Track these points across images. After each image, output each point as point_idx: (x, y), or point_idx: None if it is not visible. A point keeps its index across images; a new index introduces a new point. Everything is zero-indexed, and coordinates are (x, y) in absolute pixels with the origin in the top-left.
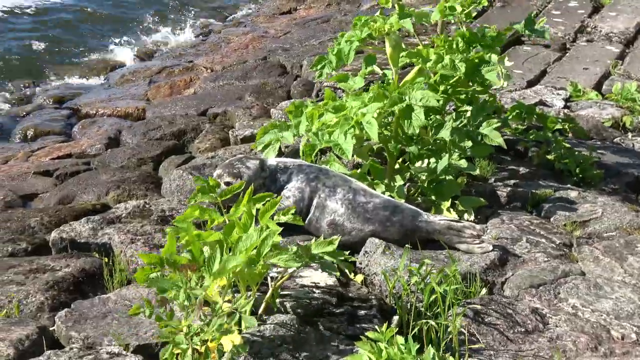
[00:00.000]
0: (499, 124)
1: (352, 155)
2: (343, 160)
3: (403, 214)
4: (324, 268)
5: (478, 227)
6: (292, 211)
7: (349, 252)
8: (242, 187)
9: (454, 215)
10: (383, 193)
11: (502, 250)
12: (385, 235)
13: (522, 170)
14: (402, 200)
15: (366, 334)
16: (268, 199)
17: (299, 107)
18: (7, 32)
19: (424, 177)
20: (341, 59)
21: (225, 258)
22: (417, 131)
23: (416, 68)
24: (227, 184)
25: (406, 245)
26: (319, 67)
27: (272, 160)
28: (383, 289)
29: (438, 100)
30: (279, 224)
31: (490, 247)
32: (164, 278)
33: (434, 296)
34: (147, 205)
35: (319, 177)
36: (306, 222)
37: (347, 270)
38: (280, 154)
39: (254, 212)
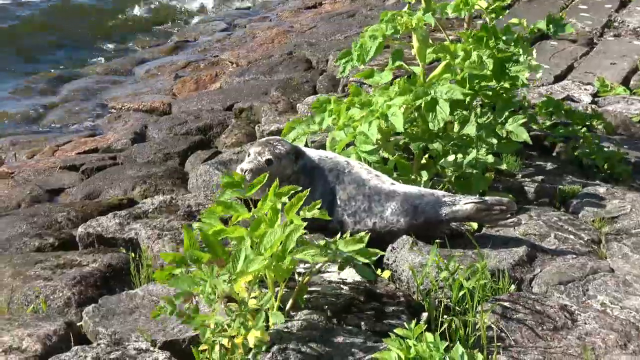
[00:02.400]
0: (524, 120)
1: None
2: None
3: (425, 214)
4: (359, 274)
5: (506, 200)
6: (318, 206)
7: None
8: (265, 180)
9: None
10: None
11: (531, 247)
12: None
13: (550, 166)
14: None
15: (395, 330)
16: (293, 192)
17: (323, 103)
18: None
19: (450, 172)
20: (364, 54)
21: (249, 258)
22: (442, 125)
23: (443, 63)
24: (268, 161)
25: (435, 242)
26: (343, 61)
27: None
28: (411, 285)
29: (464, 95)
30: (305, 219)
31: (523, 221)
32: (188, 276)
33: (462, 292)
34: (173, 201)
35: (334, 189)
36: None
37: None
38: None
39: (279, 206)
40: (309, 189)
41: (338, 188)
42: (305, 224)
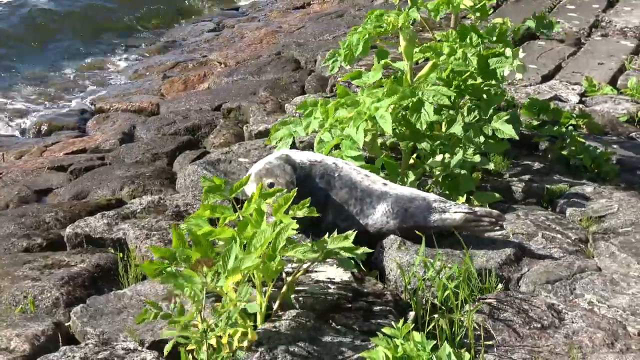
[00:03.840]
0: (508, 117)
1: (364, 149)
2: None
3: (414, 218)
4: (341, 265)
5: (495, 213)
6: (307, 204)
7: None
8: (248, 182)
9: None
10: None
11: (518, 246)
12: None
13: (537, 165)
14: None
15: (382, 330)
16: (279, 194)
17: (310, 106)
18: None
19: (438, 172)
20: (351, 53)
21: (240, 257)
22: (425, 127)
23: (430, 63)
24: (271, 185)
25: (423, 241)
26: (330, 61)
27: (294, 155)
28: (398, 285)
29: (450, 97)
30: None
31: (511, 236)
32: (179, 273)
33: (447, 291)
34: (161, 201)
35: (326, 197)
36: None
37: (360, 265)
38: (293, 148)
39: (264, 208)
40: (296, 188)
41: (330, 194)
42: (295, 223)
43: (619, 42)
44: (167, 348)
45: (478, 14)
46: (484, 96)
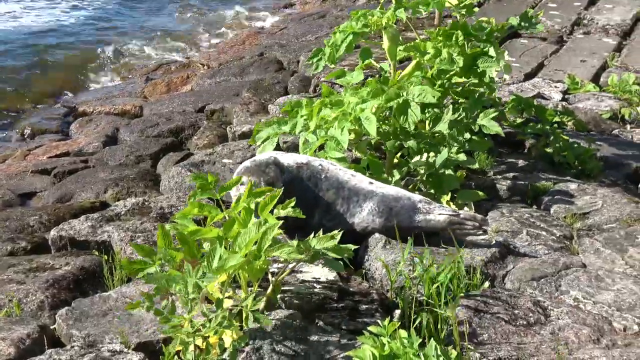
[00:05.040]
0: (495, 114)
1: (349, 149)
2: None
3: (399, 217)
4: (328, 266)
5: (479, 217)
6: (292, 204)
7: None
8: (239, 183)
9: (453, 206)
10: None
11: (503, 244)
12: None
13: (521, 163)
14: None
15: (368, 328)
16: (267, 193)
17: (295, 107)
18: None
19: (422, 171)
20: (335, 52)
21: (225, 256)
22: (413, 127)
23: (414, 62)
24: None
25: (408, 239)
26: (314, 59)
27: (281, 157)
28: (384, 284)
29: (435, 97)
30: (279, 219)
31: (494, 241)
32: (164, 273)
33: (434, 286)
34: (146, 203)
35: (315, 198)
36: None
37: (347, 262)
38: (277, 149)
39: (252, 207)
40: (282, 188)
41: (318, 196)
42: (280, 222)
43: (601, 39)
44: (172, 349)
45: (463, 12)
46: (470, 94)
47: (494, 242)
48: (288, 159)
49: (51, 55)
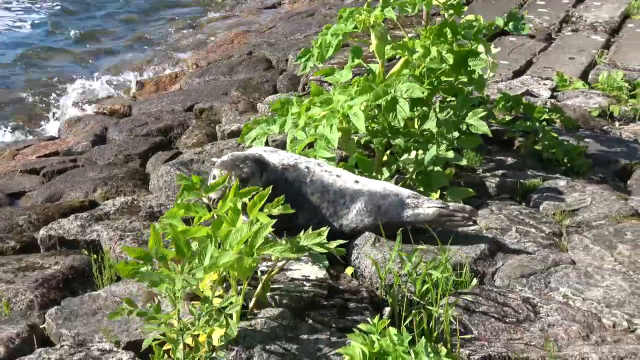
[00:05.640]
0: (484, 113)
1: (338, 147)
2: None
3: (388, 214)
4: (314, 260)
5: (468, 208)
6: (282, 202)
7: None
8: (226, 181)
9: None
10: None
11: (492, 241)
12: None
13: (510, 160)
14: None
15: (358, 326)
16: (254, 192)
17: (285, 104)
18: None
19: (411, 169)
20: (323, 52)
21: (218, 253)
22: (402, 124)
23: (402, 60)
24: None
25: (397, 238)
26: (303, 59)
27: (268, 156)
28: (374, 281)
29: (423, 92)
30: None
31: (484, 231)
32: (154, 272)
33: (425, 286)
34: (135, 202)
35: (299, 203)
36: None
37: (339, 258)
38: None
39: (239, 206)
40: (270, 187)
41: (303, 200)
42: (274, 221)
43: (589, 36)
44: (145, 345)
45: (451, 11)
46: (460, 93)
47: (484, 232)
48: (274, 158)
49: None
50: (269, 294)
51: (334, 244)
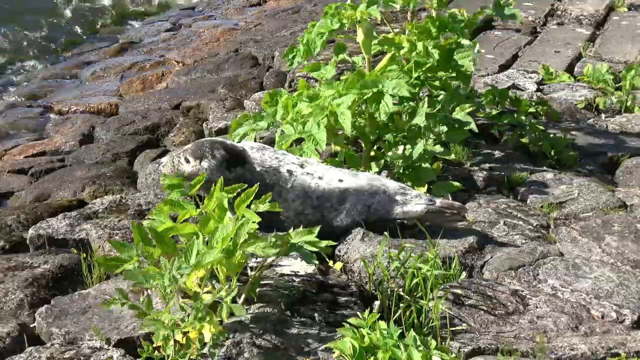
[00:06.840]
0: (472, 109)
1: (326, 145)
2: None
3: (377, 213)
4: (304, 258)
5: (457, 204)
6: (269, 199)
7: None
8: (205, 178)
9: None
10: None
11: (480, 234)
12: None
13: (498, 154)
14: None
15: (348, 320)
16: (239, 189)
17: (275, 96)
18: None
19: (399, 164)
20: (310, 49)
21: (202, 251)
22: (386, 119)
23: (388, 55)
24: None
25: (385, 233)
26: (290, 57)
27: (250, 152)
28: (363, 276)
29: (410, 91)
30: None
31: (472, 225)
32: (142, 270)
33: (415, 280)
34: (123, 200)
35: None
36: None
37: (326, 258)
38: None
39: (225, 203)
40: (258, 183)
41: (284, 207)
42: (258, 218)
43: (574, 30)
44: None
45: (435, 4)
46: (447, 87)
47: (472, 226)
48: (257, 156)
49: None
50: (258, 289)
51: (324, 243)
